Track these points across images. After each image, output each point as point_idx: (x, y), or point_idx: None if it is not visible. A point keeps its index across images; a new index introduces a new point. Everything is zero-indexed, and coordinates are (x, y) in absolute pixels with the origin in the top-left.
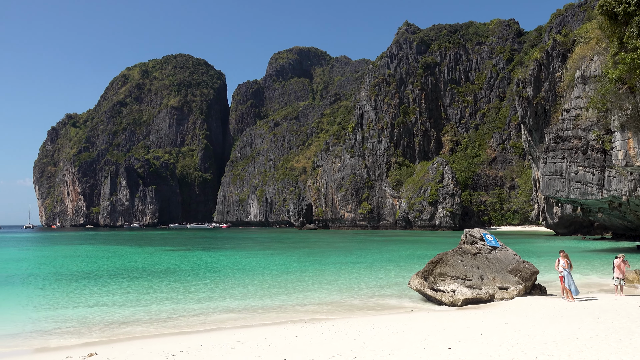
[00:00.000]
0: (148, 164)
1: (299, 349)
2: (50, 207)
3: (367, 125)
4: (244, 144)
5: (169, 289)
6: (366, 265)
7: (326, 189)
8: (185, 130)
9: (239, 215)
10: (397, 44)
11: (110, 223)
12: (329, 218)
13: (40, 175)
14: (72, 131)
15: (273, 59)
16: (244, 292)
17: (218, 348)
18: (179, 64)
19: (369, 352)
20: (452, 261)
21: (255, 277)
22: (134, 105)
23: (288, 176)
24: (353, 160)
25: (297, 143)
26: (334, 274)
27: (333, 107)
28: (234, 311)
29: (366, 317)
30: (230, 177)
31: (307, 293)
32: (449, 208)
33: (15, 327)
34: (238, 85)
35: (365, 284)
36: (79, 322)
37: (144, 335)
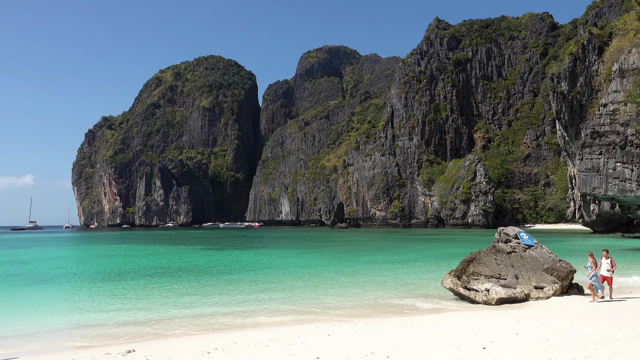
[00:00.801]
0: (181, 165)
1: (332, 348)
2: (88, 207)
3: (398, 123)
4: (275, 143)
5: (204, 288)
6: (398, 263)
7: (357, 187)
8: (217, 130)
9: (270, 215)
10: (427, 41)
11: (146, 223)
12: (360, 217)
13: (79, 177)
14: (108, 133)
15: (303, 58)
16: (277, 290)
17: (252, 346)
18: (210, 65)
19: (402, 351)
20: (485, 260)
21: (287, 275)
22: (167, 107)
23: (319, 175)
24: (384, 158)
25: (327, 142)
26: (366, 273)
27: (363, 105)
28: (267, 310)
29: (399, 316)
30: (262, 176)
31: (339, 292)
32: (482, 206)
33: (56, 324)
34: (268, 85)
35: (398, 282)
36: (118, 319)
37: (179, 333)
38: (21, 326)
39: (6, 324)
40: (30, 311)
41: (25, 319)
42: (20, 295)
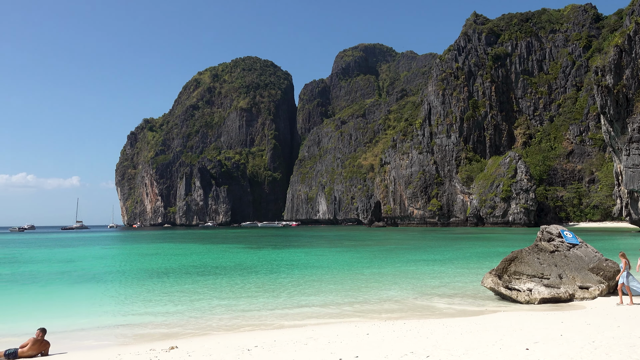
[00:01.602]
0: (220, 165)
1: (371, 346)
2: (131, 207)
3: (435, 120)
4: (312, 142)
5: (244, 286)
6: (437, 262)
7: (394, 186)
8: (255, 131)
9: (307, 214)
10: (465, 36)
11: (186, 222)
12: (398, 215)
13: (122, 178)
14: (150, 135)
15: (339, 57)
16: (316, 289)
17: (291, 344)
18: (247, 66)
19: (443, 351)
20: (527, 259)
21: (326, 274)
22: (205, 108)
23: (356, 174)
24: (421, 156)
25: (364, 140)
26: (404, 272)
27: (400, 103)
28: (306, 308)
29: (438, 315)
30: (299, 175)
31: (378, 290)
32: (523, 204)
33: (103, 321)
34: (304, 84)
35: (437, 281)
36: (161, 316)
37: (221, 330)
38: (70, 322)
39: (56, 321)
40: (79, 308)
41: (74, 315)
42: (69, 292)
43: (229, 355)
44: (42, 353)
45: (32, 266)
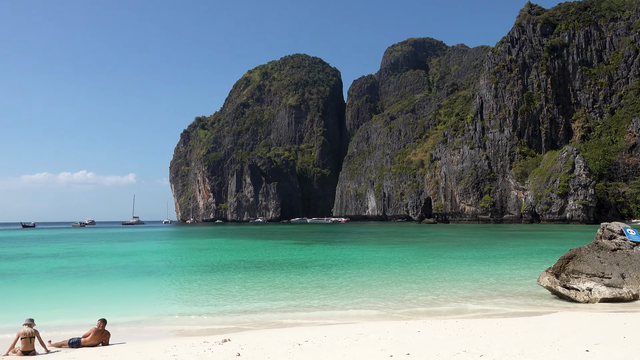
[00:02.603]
0: (270, 162)
1: (422, 344)
2: (185, 203)
3: (488, 114)
4: (360, 139)
5: (294, 281)
6: (490, 260)
7: (445, 182)
8: (304, 127)
9: (356, 210)
10: (518, 27)
11: (237, 218)
12: (449, 212)
13: (175, 175)
14: (202, 133)
15: (387, 52)
16: (366, 285)
17: (342, 339)
18: (296, 64)
19: (497, 350)
20: (587, 257)
21: (375, 270)
22: (255, 106)
23: (405, 170)
24: (473, 151)
25: (413, 136)
26: (456, 269)
27: (450, 97)
28: (356, 304)
29: (492, 314)
30: (348, 172)
31: (429, 288)
32: (582, 200)
33: (158, 313)
34: (353, 81)
35: (490, 279)
36: (214, 310)
37: (272, 324)
38: (128, 314)
39: (115, 312)
40: (136, 300)
41: (132, 307)
42: (127, 285)
43: (280, 349)
44: (103, 343)
45: (93, 260)
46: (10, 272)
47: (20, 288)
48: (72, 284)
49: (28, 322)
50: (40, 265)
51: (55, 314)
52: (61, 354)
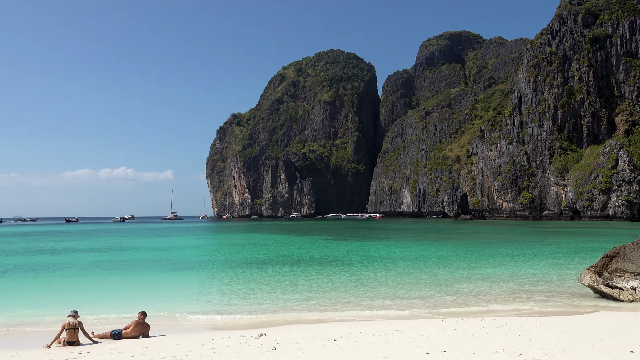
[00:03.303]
0: (304, 158)
1: (459, 342)
2: (221, 199)
3: (526, 109)
4: (395, 134)
5: (328, 277)
6: (529, 257)
7: (482, 177)
8: (338, 123)
9: (391, 206)
10: (559, 19)
11: (272, 214)
12: (486, 208)
13: (212, 171)
14: (237, 129)
15: (423, 46)
16: (400, 282)
17: (377, 336)
18: (330, 59)
19: (536, 349)
20: (631, 255)
21: (411, 267)
22: (290, 102)
23: (441, 165)
24: (511, 147)
25: (449, 131)
26: (494, 266)
27: (487, 91)
28: (391, 301)
29: (531, 312)
30: (382, 168)
31: (465, 285)
32: (625, 196)
33: (195, 307)
34: (388, 76)
35: (529, 277)
36: (251, 304)
37: (307, 320)
38: (167, 307)
39: (154, 305)
40: (174, 294)
41: (170, 300)
42: (166, 279)
43: (315, 344)
44: (143, 335)
45: (134, 254)
46: (57, 265)
47: (66, 281)
48: (113, 277)
49: (72, 314)
50: (84, 259)
51: (97, 306)
52: (104, 345)
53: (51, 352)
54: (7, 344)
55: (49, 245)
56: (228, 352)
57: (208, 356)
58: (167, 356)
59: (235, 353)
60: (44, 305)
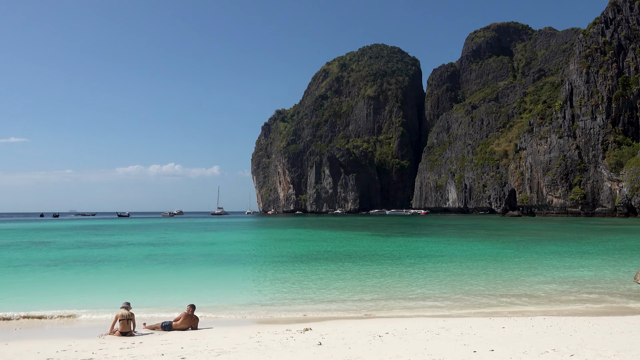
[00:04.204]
0: (348, 153)
1: (507, 341)
2: (266, 195)
3: (578, 101)
4: (440, 129)
5: (375, 273)
6: (582, 255)
7: (531, 173)
8: (382, 118)
9: (436, 202)
10: (613, 7)
11: (316, 209)
12: (535, 204)
13: (257, 167)
14: (282, 125)
15: (469, 39)
16: (446, 279)
17: (423, 333)
18: (374, 54)
19: (589, 350)
20: None
21: (457, 264)
22: (333, 97)
23: (488, 161)
24: (561, 141)
25: (496, 125)
26: (545, 264)
27: (537, 84)
28: (438, 298)
29: (583, 312)
30: (427, 163)
31: (513, 283)
32: None
33: (242, 300)
34: (433, 69)
35: (581, 276)
36: (297, 299)
37: (353, 316)
38: (215, 300)
39: (203, 298)
40: (222, 288)
41: (218, 294)
42: (214, 273)
43: (360, 340)
44: (192, 327)
45: (183, 248)
46: (110, 258)
47: (119, 273)
48: (163, 270)
49: (125, 305)
50: (136, 252)
51: (149, 298)
52: (155, 336)
53: (105, 341)
54: (65, 332)
55: (104, 239)
56: (274, 345)
57: (255, 349)
58: (215, 348)
59: (281, 347)
60: (98, 296)
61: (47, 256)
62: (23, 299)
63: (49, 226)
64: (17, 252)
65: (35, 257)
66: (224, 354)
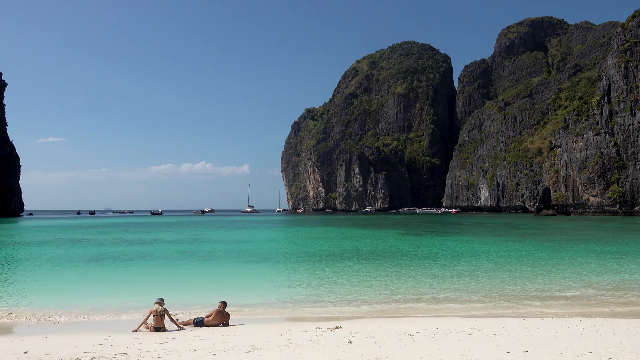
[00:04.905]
0: (378, 151)
1: (542, 343)
2: (296, 193)
3: (616, 97)
4: (472, 126)
5: (405, 272)
6: (621, 256)
7: (566, 171)
8: (412, 116)
9: (468, 200)
10: None
11: (346, 208)
12: (570, 203)
13: (287, 165)
14: (311, 124)
15: (502, 34)
16: (479, 279)
17: (454, 333)
18: (404, 51)
19: (628, 354)
20: None
21: (491, 264)
22: (363, 95)
23: (521, 158)
24: (599, 138)
25: (530, 122)
26: (579, 265)
27: (572, 80)
28: (470, 298)
29: (622, 314)
30: (459, 161)
31: (548, 284)
32: None
33: (273, 298)
34: (464, 66)
35: (620, 277)
36: (327, 297)
37: (383, 314)
38: (245, 297)
39: (234, 295)
40: (252, 285)
41: (249, 291)
42: (245, 270)
43: (391, 339)
44: (224, 323)
45: (214, 245)
46: (144, 254)
47: (152, 269)
48: (196, 267)
49: (158, 301)
50: (169, 250)
51: (181, 294)
52: (187, 332)
53: (140, 336)
54: (101, 327)
55: (137, 237)
56: (304, 343)
57: (285, 347)
58: (247, 345)
59: (312, 345)
60: (133, 292)
61: (86, 252)
62: (62, 294)
63: (86, 223)
64: (59, 249)
65: (75, 254)
66: (254, 350)
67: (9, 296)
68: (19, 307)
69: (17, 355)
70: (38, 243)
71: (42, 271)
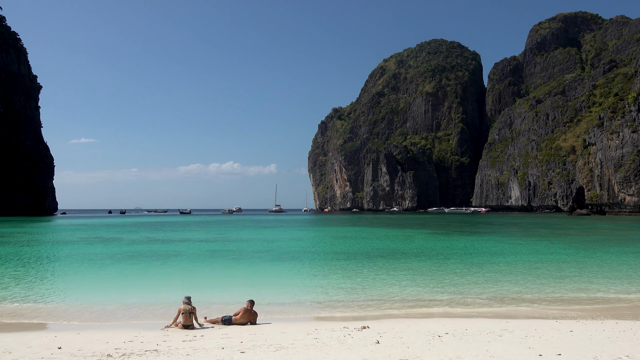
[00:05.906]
0: (406, 150)
1: (575, 345)
2: (322, 192)
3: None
4: (502, 124)
5: (433, 271)
6: None
7: (600, 169)
8: (441, 115)
9: (498, 200)
10: None
11: (373, 207)
12: (605, 202)
13: (314, 165)
14: (338, 123)
15: (533, 31)
16: (510, 279)
17: (484, 334)
18: (432, 49)
19: None
20: None
21: (520, 264)
22: (391, 94)
23: (553, 157)
24: (635, 135)
25: (563, 120)
26: (614, 265)
27: (607, 76)
28: (500, 299)
29: None
30: (489, 160)
31: (580, 285)
32: None
33: (300, 297)
34: (494, 64)
35: None
36: (354, 297)
37: (411, 314)
38: (273, 296)
39: (261, 294)
40: (279, 284)
41: (276, 290)
42: (272, 269)
43: (419, 339)
44: (251, 322)
45: (242, 244)
46: (173, 253)
47: (182, 268)
48: (224, 265)
49: (186, 300)
50: (198, 248)
51: (210, 293)
52: (215, 330)
53: (169, 333)
54: (131, 324)
55: (166, 236)
56: (332, 342)
57: (312, 346)
58: (274, 344)
59: (339, 344)
60: (163, 290)
61: (118, 251)
62: (95, 291)
63: (117, 222)
64: (92, 248)
65: (108, 252)
66: (282, 349)
67: (46, 292)
68: (53, 304)
69: (51, 350)
70: (72, 242)
71: (76, 269)
